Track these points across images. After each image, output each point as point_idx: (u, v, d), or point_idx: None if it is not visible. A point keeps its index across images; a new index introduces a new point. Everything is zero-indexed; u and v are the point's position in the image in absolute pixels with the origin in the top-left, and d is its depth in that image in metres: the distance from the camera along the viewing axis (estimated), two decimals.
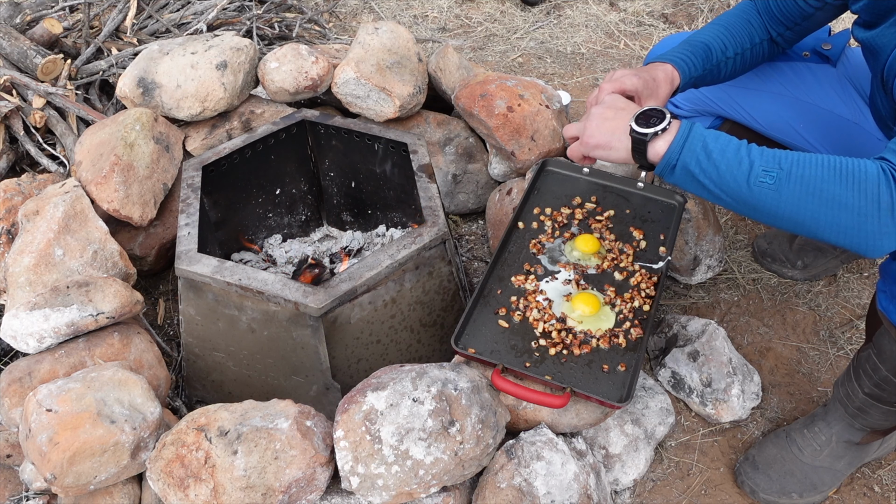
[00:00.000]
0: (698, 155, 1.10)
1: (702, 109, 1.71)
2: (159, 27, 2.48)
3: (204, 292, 1.51)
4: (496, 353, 1.41)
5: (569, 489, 1.33)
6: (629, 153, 1.19)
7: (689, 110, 1.72)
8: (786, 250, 1.98)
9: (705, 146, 1.10)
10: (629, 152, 1.19)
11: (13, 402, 1.41)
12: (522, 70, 2.90)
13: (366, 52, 1.98)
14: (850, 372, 1.42)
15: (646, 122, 1.16)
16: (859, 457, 1.51)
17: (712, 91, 1.66)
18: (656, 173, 1.17)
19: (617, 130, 1.20)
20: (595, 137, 1.23)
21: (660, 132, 1.14)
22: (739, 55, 1.46)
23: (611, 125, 1.22)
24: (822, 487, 1.50)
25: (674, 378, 1.69)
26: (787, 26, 1.45)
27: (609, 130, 1.22)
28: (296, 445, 1.25)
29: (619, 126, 1.20)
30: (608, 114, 1.23)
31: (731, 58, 1.45)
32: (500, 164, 2.05)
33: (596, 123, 1.24)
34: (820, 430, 1.49)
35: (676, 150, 1.12)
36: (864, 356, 1.37)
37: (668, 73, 1.39)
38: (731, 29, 1.46)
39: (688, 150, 1.11)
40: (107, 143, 1.79)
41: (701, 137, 1.11)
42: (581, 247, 1.59)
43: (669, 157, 1.13)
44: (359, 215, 2.05)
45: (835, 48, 1.59)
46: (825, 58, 1.59)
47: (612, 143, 1.21)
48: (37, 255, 1.57)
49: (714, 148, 1.10)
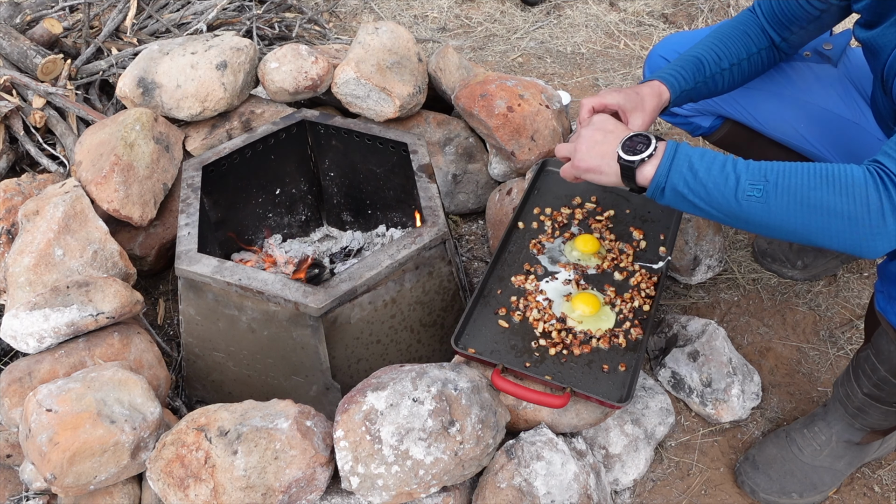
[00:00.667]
0: (685, 175, 1.12)
1: (703, 109, 1.71)
2: (159, 27, 2.48)
3: (204, 292, 1.51)
4: (496, 354, 1.41)
5: (569, 489, 1.33)
6: (619, 177, 1.20)
7: (691, 109, 1.72)
8: (786, 250, 1.98)
9: (691, 166, 1.11)
10: (619, 176, 1.20)
11: (13, 402, 1.41)
12: (522, 70, 2.90)
13: (366, 52, 1.98)
14: (849, 372, 1.42)
15: (632, 148, 1.17)
16: (859, 457, 1.51)
17: None
18: (647, 196, 1.18)
19: (606, 155, 1.22)
20: (585, 161, 1.24)
21: (646, 158, 1.15)
22: (736, 66, 1.46)
23: (600, 149, 1.23)
24: (822, 487, 1.49)
25: (674, 378, 1.69)
26: (792, 31, 1.45)
27: (599, 155, 1.23)
28: (296, 445, 1.25)
29: (608, 150, 1.21)
30: (597, 137, 1.24)
31: (726, 69, 1.45)
32: (500, 164, 2.05)
33: (586, 147, 1.25)
34: (820, 430, 1.49)
35: (664, 174, 1.13)
36: (863, 356, 1.37)
37: (655, 87, 1.40)
38: (727, 40, 1.46)
39: (675, 171, 1.12)
40: (107, 143, 1.79)
41: (686, 158, 1.12)
42: (581, 247, 1.59)
43: (658, 181, 1.14)
44: (359, 215, 2.05)
45: (836, 48, 1.59)
46: (826, 58, 1.59)
47: (602, 168, 1.22)
48: (37, 255, 1.57)
49: (700, 167, 1.11)
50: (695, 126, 1.76)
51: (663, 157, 1.14)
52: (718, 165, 1.10)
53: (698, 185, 1.11)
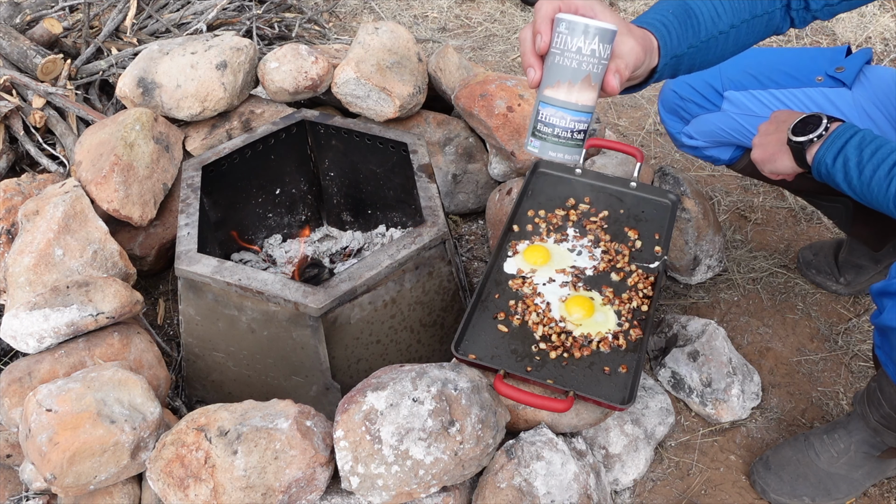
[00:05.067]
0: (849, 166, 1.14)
1: (720, 141, 1.69)
2: (159, 27, 2.48)
3: (204, 292, 1.51)
4: (497, 359, 1.40)
5: (569, 489, 1.33)
6: (794, 161, 1.23)
7: (707, 142, 1.70)
8: (831, 263, 1.94)
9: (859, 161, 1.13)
10: (794, 160, 1.23)
11: (13, 402, 1.41)
12: (522, 70, 2.90)
13: (366, 52, 1.98)
14: (864, 395, 1.41)
15: (803, 129, 1.20)
16: (879, 469, 1.48)
17: (725, 122, 1.64)
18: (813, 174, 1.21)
19: (780, 142, 1.25)
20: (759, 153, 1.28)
21: (814, 139, 1.17)
22: (736, 28, 1.20)
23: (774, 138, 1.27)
24: (836, 494, 1.47)
25: (674, 378, 1.69)
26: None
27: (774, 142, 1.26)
28: (296, 445, 1.25)
29: (782, 138, 1.25)
30: (770, 128, 1.28)
31: (724, 32, 1.19)
32: (500, 164, 2.05)
33: (759, 140, 1.28)
34: (840, 438, 1.47)
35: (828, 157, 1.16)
36: (872, 388, 1.37)
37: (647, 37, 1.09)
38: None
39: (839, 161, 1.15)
40: (107, 143, 1.79)
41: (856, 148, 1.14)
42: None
43: (817, 167, 1.17)
44: (359, 215, 2.05)
45: (849, 70, 1.54)
46: (839, 82, 1.54)
47: (776, 156, 1.26)
48: (37, 255, 1.57)
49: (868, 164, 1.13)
50: (714, 158, 1.74)
51: (828, 140, 1.15)
52: (886, 168, 1.11)
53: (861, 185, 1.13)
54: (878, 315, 1.14)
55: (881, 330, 1.15)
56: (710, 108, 1.64)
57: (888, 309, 1.11)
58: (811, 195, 1.82)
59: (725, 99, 1.62)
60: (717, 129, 1.66)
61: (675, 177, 1.87)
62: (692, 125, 1.69)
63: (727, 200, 2.24)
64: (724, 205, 2.23)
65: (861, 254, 1.87)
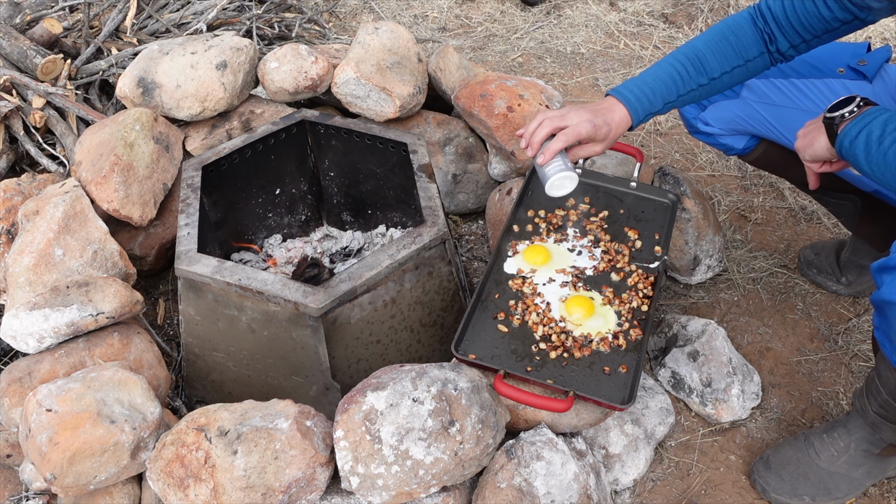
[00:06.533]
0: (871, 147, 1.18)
1: (736, 129, 1.68)
2: (159, 27, 2.48)
3: (204, 292, 1.51)
4: (497, 359, 1.40)
5: (569, 489, 1.33)
6: (828, 138, 1.28)
7: (724, 129, 1.69)
8: (832, 263, 1.94)
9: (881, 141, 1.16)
10: (828, 139, 1.28)
11: (13, 402, 1.41)
12: (522, 70, 2.90)
13: (366, 52, 1.98)
14: (863, 387, 1.41)
15: (838, 106, 1.26)
16: (880, 468, 1.48)
17: (743, 110, 1.63)
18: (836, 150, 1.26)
19: (819, 128, 1.31)
20: (800, 140, 1.36)
21: (846, 115, 1.23)
22: (718, 79, 1.44)
23: (811, 125, 1.34)
24: (836, 494, 1.47)
25: (674, 378, 1.69)
26: (804, 38, 1.42)
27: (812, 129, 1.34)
28: (296, 445, 1.25)
29: (819, 124, 1.32)
30: (808, 129, 1.35)
31: (705, 84, 1.44)
32: (500, 164, 2.05)
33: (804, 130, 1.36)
34: (839, 436, 1.47)
35: (850, 136, 1.21)
36: (871, 377, 1.37)
37: (624, 118, 1.41)
38: (716, 48, 1.43)
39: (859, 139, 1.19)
40: (107, 143, 1.79)
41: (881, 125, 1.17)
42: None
43: (840, 142, 1.22)
44: (359, 215, 2.05)
45: (871, 64, 1.54)
46: (861, 74, 1.55)
47: (814, 139, 1.32)
48: (37, 255, 1.57)
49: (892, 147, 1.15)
50: (727, 147, 1.73)
51: (858, 117, 1.20)
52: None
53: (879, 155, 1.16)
54: (878, 292, 1.15)
55: (879, 308, 1.16)
56: (728, 95, 1.63)
57: (887, 283, 1.11)
58: (821, 191, 1.81)
59: (745, 86, 1.62)
60: (735, 116, 1.65)
61: (675, 177, 1.87)
62: (709, 111, 1.67)
63: (727, 200, 2.24)
64: (724, 205, 2.23)
65: (865, 254, 1.87)
